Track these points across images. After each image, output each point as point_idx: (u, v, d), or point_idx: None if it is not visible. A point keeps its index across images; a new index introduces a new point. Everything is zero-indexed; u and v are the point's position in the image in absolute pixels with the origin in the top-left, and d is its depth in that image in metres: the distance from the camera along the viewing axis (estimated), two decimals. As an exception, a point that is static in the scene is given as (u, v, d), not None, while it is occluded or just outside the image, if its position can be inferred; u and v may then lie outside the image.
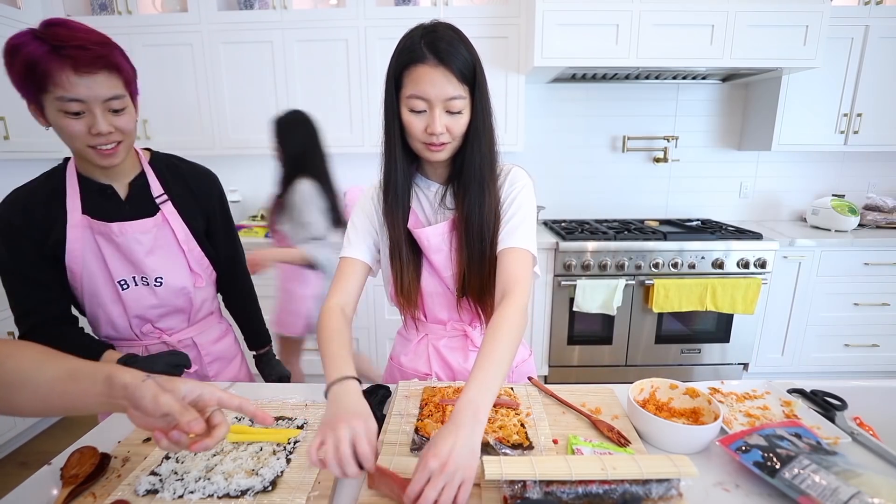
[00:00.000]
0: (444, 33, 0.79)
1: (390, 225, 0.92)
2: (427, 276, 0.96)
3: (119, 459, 0.74)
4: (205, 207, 1.07)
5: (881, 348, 2.58)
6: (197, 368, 1.10)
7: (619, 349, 2.50)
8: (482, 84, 0.83)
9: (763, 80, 2.63)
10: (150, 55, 2.52)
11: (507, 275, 0.83)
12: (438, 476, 0.57)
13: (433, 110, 0.80)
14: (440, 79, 0.78)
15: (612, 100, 2.82)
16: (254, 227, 2.60)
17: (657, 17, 2.22)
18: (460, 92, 0.80)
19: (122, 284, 0.97)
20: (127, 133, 0.89)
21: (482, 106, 0.83)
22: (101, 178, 0.96)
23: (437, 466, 0.57)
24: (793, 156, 2.87)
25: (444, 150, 0.84)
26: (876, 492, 0.57)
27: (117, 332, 1.01)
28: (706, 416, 0.80)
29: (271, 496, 0.64)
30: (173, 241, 1.01)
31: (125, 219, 0.96)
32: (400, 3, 2.57)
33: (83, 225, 0.93)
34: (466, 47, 0.81)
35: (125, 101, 0.86)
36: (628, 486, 0.61)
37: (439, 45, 0.77)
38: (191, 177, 1.07)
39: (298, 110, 1.93)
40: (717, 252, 2.35)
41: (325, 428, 0.64)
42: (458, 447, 0.59)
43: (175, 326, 1.06)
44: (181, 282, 1.02)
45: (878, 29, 2.41)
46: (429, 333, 1.02)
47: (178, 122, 2.60)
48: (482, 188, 0.87)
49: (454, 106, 0.80)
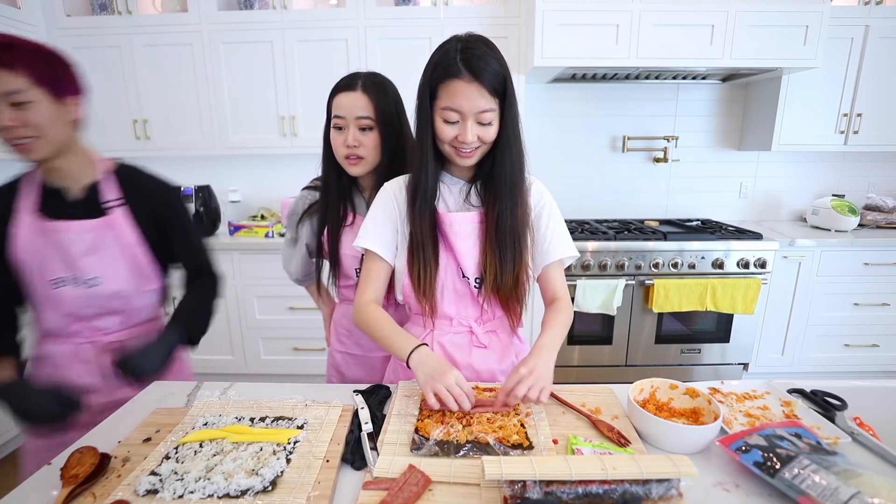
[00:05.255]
0: (477, 48, 0.84)
1: (416, 221, 0.95)
2: (440, 269, 0.98)
3: (119, 459, 0.74)
4: (158, 216, 1.08)
5: (881, 348, 2.58)
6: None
7: (619, 349, 2.50)
8: (511, 95, 0.88)
9: (763, 80, 2.63)
10: (150, 55, 2.52)
11: (555, 283, 1.01)
12: (528, 377, 0.80)
13: (465, 121, 0.86)
14: (474, 93, 0.84)
15: (612, 100, 2.82)
16: (254, 228, 2.60)
17: (657, 17, 2.22)
18: (492, 105, 0.85)
19: (57, 282, 1.00)
20: (39, 128, 0.90)
21: (511, 116, 0.89)
22: (54, 180, 1.00)
23: (527, 371, 0.81)
24: (793, 156, 2.87)
25: (474, 156, 0.91)
26: (876, 492, 0.57)
27: (52, 327, 1.04)
28: (706, 416, 0.80)
29: (271, 496, 0.64)
30: (116, 245, 1.02)
31: (70, 219, 0.99)
32: (400, 3, 2.57)
33: (29, 221, 0.98)
34: (498, 61, 0.85)
35: (27, 95, 0.88)
36: (628, 486, 0.61)
37: (473, 61, 0.83)
38: (148, 186, 1.09)
39: None
40: (717, 252, 2.35)
41: (432, 381, 0.81)
42: (541, 363, 0.83)
43: (110, 327, 1.07)
44: (118, 285, 1.04)
45: (878, 29, 2.41)
46: (435, 329, 1.03)
47: (178, 122, 2.60)
48: (513, 192, 0.93)
49: (485, 118, 0.86)
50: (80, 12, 2.60)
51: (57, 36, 2.49)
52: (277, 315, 2.56)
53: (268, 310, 2.57)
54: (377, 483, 0.67)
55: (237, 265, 2.51)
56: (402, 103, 1.10)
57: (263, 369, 2.65)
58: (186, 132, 2.61)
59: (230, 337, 2.60)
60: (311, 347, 2.60)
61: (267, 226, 2.60)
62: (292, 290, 2.49)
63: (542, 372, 0.81)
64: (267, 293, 2.54)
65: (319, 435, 0.79)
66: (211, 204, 2.62)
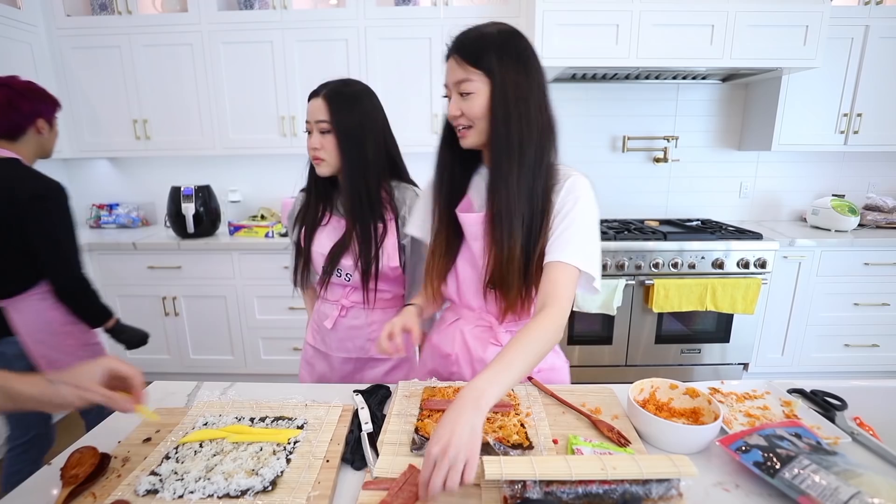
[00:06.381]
0: (472, 28, 0.86)
1: (437, 207, 0.99)
2: (462, 261, 1.00)
3: (119, 459, 0.74)
4: (19, 213, 1.29)
5: (881, 348, 2.58)
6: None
7: (619, 349, 2.50)
8: (501, 68, 0.82)
9: (763, 80, 2.63)
10: (150, 55, 2.52)
11: (548, 288, 0.82)
12: (442, 461, 0.59)
13: (451, 96, 0.87)
14: (452, 65, 0.85)
15: (612, 100, 2.82)
16: (254, 228, 2.60)
17: (657, 17, 2.22)
18: (468, 75, 0.83)
19: None
20: None
21: (501, 91, 0.82)
22: None
23: (439, 451, 0.59)
24: (793, 156, 2.87)
25: (468, 136, 0.88)
26: (876, 492, 0.57)
27: None
28: (706, 416, 0.80)
29: (271, 496, 0.64)
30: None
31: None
32: (400, 3, 2.57)
33: None
34: (484, 36, 0.84)
35: None
36: (628, 486, 0.61)
37: (460, 37, 0.85)
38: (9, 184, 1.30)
39: None
40: (717, 252, 2.35)
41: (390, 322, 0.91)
42: (458, 430, 0.60)
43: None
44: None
45: (878, 29, 2.41)
46: (461, 318, 1.05)
47: (178, 122, 2.60)
48: (505, 179, 0.84)
49: (464, 88, 0.84)
50: (80, 12, 2.60)
51: (57, 36, 2.50)
52: (277, 315, 2.56)
53: (268, 310, 2.56)
54: (377, 483, 0.67)
55: (237, 265, 2.51)
56: (373, 115, 1.11)
57: (263, 369, 2.65)
58: (186, 132, 2.61)
59: (230, 337, 2.60)
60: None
61: (267, 226, 2.60)
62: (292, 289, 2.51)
63: (460, 444, 0.59)
64: (267, 293, 2.54)
65: (319, 435, 0.79)
66: (211, 204, 2.61)
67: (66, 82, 2.55)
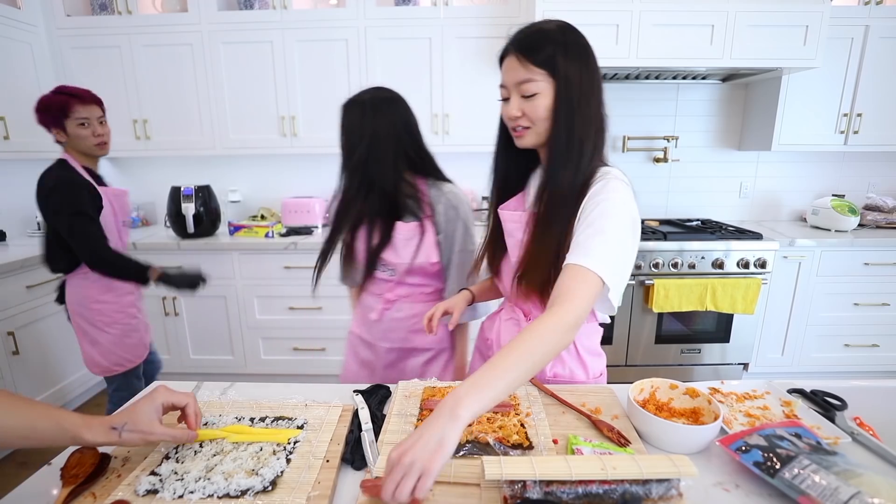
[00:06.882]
0: (530, 26, 0.85)
1: (491, 202, 1.03)
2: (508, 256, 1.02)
3: (119, 459, 0.74)
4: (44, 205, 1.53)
5: (881, 348, 2.58)
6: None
7: (619, 349, 2.50)
8: (566, 67, 0.80)
9: (763, 80, 2.63)
10: (150, 55, 2.52)
11: (560, 287, 0.76)
12: (396, 467, 0.56)
13: (511, 97, 0.84)
14: (513, 63, 0.82)
15: (611, 100, 2.76)
16: (254, 228, 2.60)
17: (657, 17, 2.22)
18: (531, 75, 0.81)
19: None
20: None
21: (566, 90, 0.81)
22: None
23: (395, 457, 0.57)
24: (793, 156, 2.87)
25: (525, 136, 0.87)
26: (876, 492, 0.57)
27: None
28: (706, 416, 0.80)
29: (271, 496, 0.64)
30: None
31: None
32: (400, 3, 2.57)
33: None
34: (545, 33, 0.82)
35: None
36: (628, 486, 0.61)
37: (517, 35, 0.83)
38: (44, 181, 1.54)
39: None
40: (717, 252, 2.35)
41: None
42: (423, 439, 0.57)
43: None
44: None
45: (878, 29, 2.41)
46: (504, 308, 1.10)
47: (178, 122, 2.60)
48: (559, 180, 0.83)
49: (526, 89, 0.81)
50: (80, 12, 2.60)
51: (57, 36, 2.50)
52: (277, 315, 2.56)
53: (268, 310, 2.56)
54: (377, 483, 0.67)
55: (237, 265, 2.50)
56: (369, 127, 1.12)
57: (263, 369, 2.65)
58: (186, 132, 2.61)
59: (230, 337, 2.60)
60: (311, 347, 2.60)
61: (267, 226, 2.60)
62: (292, 290, 2.51)
63: (418, 454, 0.56)
64: (267, 293, 2.54)
65: (319, 435, 0.79)
66: (211, 204, 2.61)
67: (65, 82, 2.52)
